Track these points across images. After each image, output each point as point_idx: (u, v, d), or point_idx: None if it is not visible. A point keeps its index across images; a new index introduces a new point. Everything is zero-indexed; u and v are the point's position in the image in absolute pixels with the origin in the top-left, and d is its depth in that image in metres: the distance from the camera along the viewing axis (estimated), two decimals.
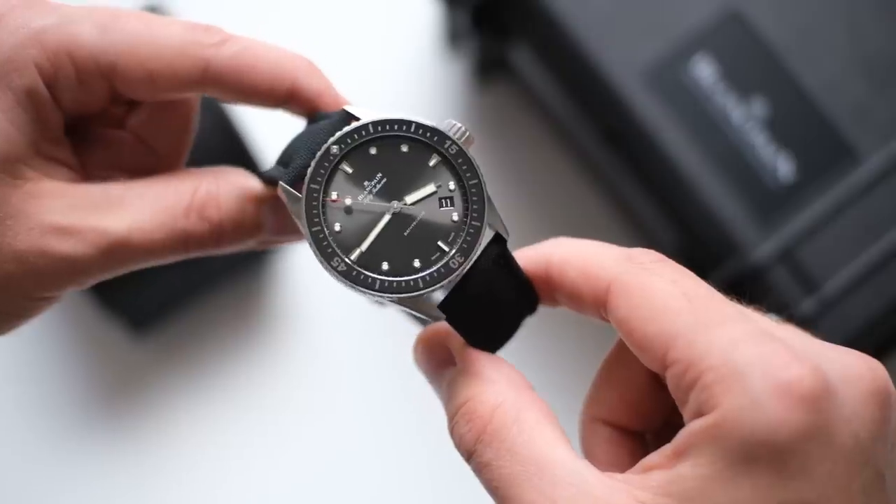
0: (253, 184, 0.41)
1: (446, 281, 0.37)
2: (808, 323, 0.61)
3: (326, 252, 0.36)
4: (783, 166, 0.63)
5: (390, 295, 0.36)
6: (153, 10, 0.71)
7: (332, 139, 0.37)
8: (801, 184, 0.63)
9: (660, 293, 0.35)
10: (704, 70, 0.65)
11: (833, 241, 0.62)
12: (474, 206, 0.37)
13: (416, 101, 0.80)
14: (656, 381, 0.38)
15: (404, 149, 0.37)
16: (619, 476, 0.34)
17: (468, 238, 0.37)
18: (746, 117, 0.64)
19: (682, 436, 0.33)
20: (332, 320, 0.77)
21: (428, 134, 0.37)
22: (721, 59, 0.65)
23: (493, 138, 0.79)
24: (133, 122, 0.42)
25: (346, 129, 0.37)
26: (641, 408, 0.39)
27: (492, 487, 0.35)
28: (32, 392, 0.75)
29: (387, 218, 0.37)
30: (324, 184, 0.36)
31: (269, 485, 0.75)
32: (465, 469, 0.36)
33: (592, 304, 0.37)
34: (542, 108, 0.76)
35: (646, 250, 0.37)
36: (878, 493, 0.33)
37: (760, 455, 0.32)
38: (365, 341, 0.76)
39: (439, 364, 0.39)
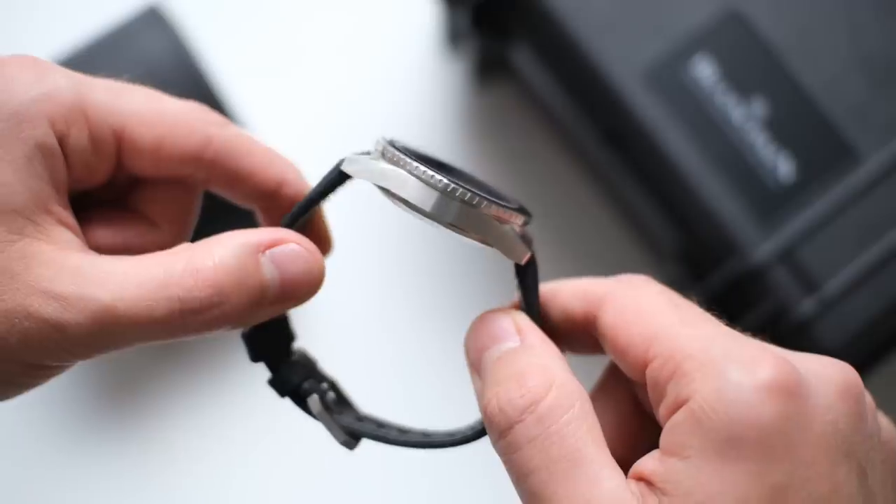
0: (256, 235, 0.37)
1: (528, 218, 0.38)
2: (807, 323, 0.61)
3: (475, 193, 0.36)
4: (783, 166, 0.63)
5: (528, 216, 0.37)
6: (153, 10, 0.71)
7: (384, 139, 0.37)
8: (801, 184, 0.63)
9: (647, 300, 0.37)
10: (704, 70, 0.65)
11: (833, 241, 0.62)
12: None
13: (416, 101, 0.80)
14: (640, 411, 0.39)
15: None
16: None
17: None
18: (746, 117, 0.64)
19: (665, 433, 0.34)
20: (334, 321, 0.77)
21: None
22: (721, 59, 0.65)
23: (493, 138, 0.79)
24: (135, 198, 0.41)
25: (383, 136, 0.37)
26: (625, 437, 0.39)
27: (528, 469, 0.34)
28: (33, 394, 0.75)
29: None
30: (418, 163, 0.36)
31: (269, 487, 0.75)
32: (464, 478, 0.36)
33: (583, 321, 0.38)
34: (542, 108, 0.76)
35: (636, 275, 0.39)
36: (862, 489, 0.34)
37: (745, 438, 0.32)
38: (368, 342, 0.76)
39: (497, 336, 0.38)
